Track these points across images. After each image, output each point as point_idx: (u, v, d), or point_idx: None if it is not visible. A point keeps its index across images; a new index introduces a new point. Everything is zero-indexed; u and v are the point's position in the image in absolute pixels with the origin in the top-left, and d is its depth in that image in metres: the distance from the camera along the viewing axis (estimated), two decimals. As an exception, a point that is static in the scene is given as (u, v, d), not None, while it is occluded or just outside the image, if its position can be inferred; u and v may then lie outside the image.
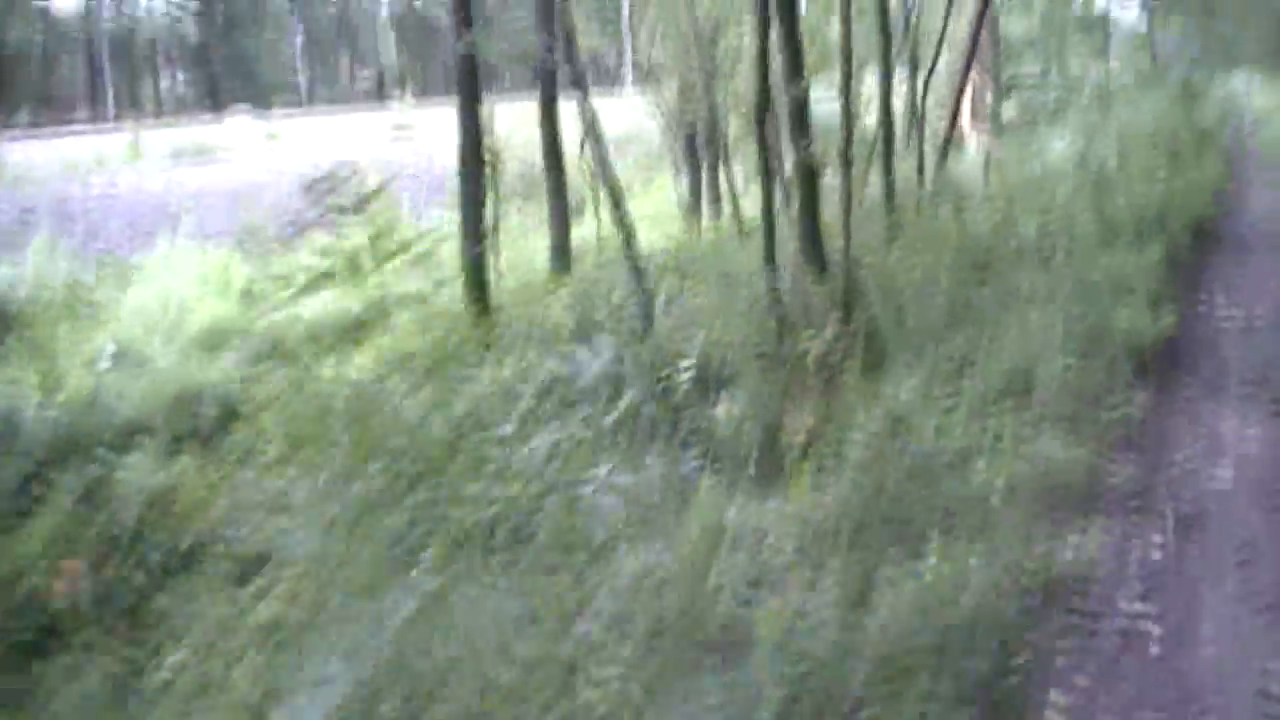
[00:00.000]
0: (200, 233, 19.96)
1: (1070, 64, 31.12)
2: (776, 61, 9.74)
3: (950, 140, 13.62)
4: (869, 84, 13.61)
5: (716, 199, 20.00)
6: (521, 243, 16.81)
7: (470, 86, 11.55)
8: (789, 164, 10.85)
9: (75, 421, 8.83)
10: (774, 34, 9.50)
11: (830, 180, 10.82)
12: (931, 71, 13.67)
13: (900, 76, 15.02)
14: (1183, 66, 28.29)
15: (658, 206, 21.98)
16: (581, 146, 13.65)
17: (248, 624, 4.75)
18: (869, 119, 13.64)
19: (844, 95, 9.80)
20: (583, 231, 15.91)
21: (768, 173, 9.10)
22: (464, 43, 11.24)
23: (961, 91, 13.86)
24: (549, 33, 12.17)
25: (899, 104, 14.77)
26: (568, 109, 12.51)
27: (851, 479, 5.74)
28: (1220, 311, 9.67)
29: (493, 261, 14.28)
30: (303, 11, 55.72)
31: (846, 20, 10.08)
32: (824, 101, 11.28)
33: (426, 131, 28.70)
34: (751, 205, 15.72)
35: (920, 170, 12.78)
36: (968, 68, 13.92)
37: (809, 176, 9.68)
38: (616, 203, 10.48)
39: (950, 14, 15.35)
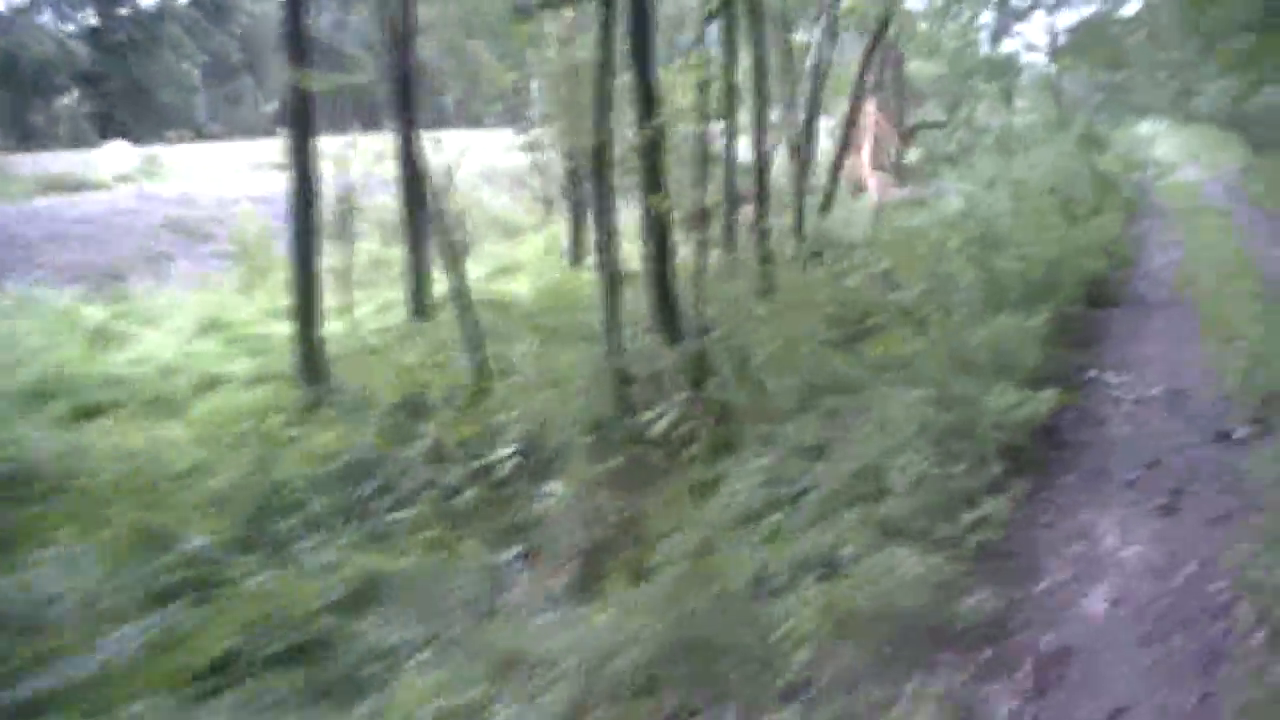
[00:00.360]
0: (56, 271, 18.77)
1: (977, 109, 30.74)
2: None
3: (833, 191, 12.79)
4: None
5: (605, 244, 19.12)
6: (389, 289, 15.86)
7: (302, 123, 10.52)
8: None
9: None
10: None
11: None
12: (810, 119, 12.69)
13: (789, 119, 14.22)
14: (1087, 113, 27.94)
15: (549, 247, 21.09)
16: (406, 186, 12.63)
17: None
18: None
19: (721, 142, 8.91)
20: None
21: (605, 226, 8.14)
22: (295, 76, 10.24)
23: (846, 138, 13.02)
24: (399, 64, 11.20)
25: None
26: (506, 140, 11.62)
27: (659, 603, 4.81)
28: (1111, 381, 8.86)
29: (344, 313, 13.31)
30: (203, 37, 54.00)
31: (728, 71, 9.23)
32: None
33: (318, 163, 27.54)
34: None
35: (799, 222, 11.87)
36: (855, 114, 13.11)
37: (661, 232, 8.75)
38: (454, 259, 9.53)
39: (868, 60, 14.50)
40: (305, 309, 10.55)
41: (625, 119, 9.46)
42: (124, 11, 53.95)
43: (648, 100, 8.62)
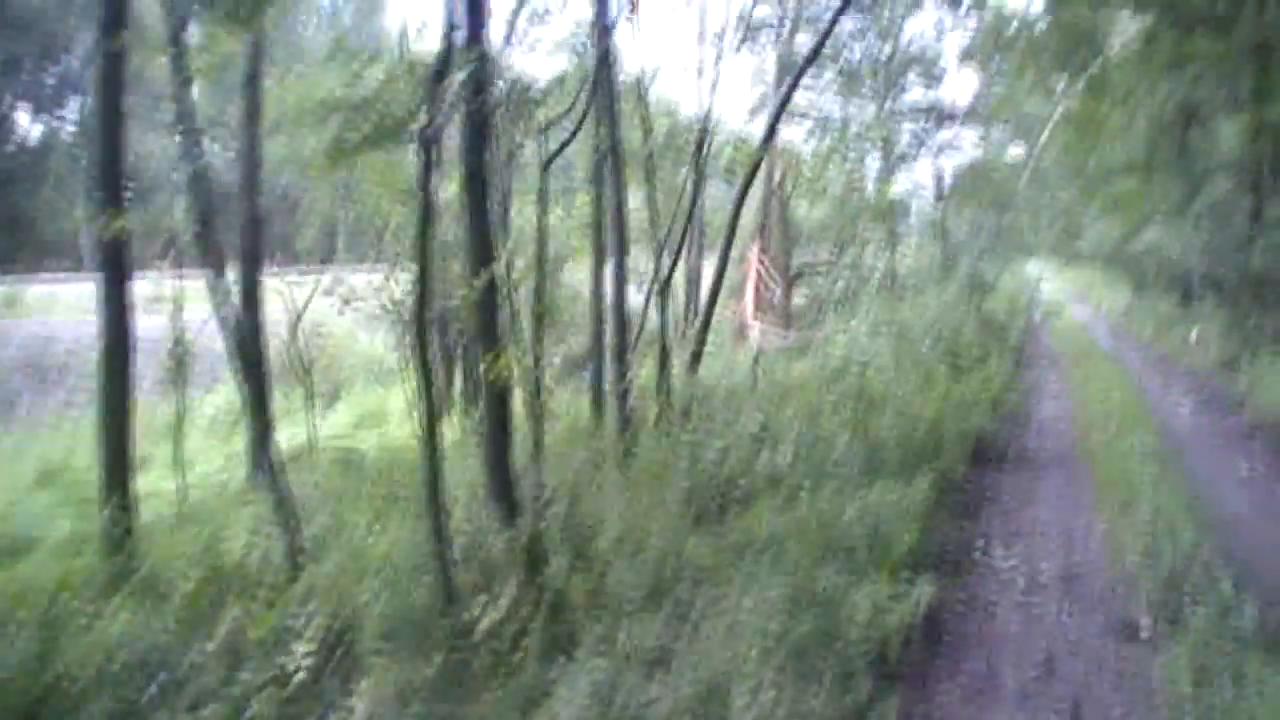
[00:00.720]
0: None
1: (864, 251, 30.48)
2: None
3: (702, 342, 11.87)
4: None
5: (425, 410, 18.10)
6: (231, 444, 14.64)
7: (116, 265, 9.38)
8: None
9: None
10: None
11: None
12: (673, 264, 11.74)
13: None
14: (973, 257, 27.81)
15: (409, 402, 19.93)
16: (242, 329, 11.50)
17: None
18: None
19: (538, 293, 7.94)
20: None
21: (428, 390, 7.05)
22: (107, 216, 9.11)
23: (717, 285, 12.16)
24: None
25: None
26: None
27: None
28: (999, 561, 7.90)
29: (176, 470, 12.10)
30: (88, 168, 52.44)
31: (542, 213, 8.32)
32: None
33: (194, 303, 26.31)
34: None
35: (664, 379, 10.87)
36: (726, 259, 12.30)
37: (497, 397, 7.70)
38: (254, 418, 8.38)
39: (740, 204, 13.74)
40: (115, 472, 9.28)
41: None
42: (9, 149, 52.53)
43: (483, 248, 7.65)
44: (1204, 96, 21.44)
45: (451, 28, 6.66)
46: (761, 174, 27.65)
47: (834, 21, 14.14)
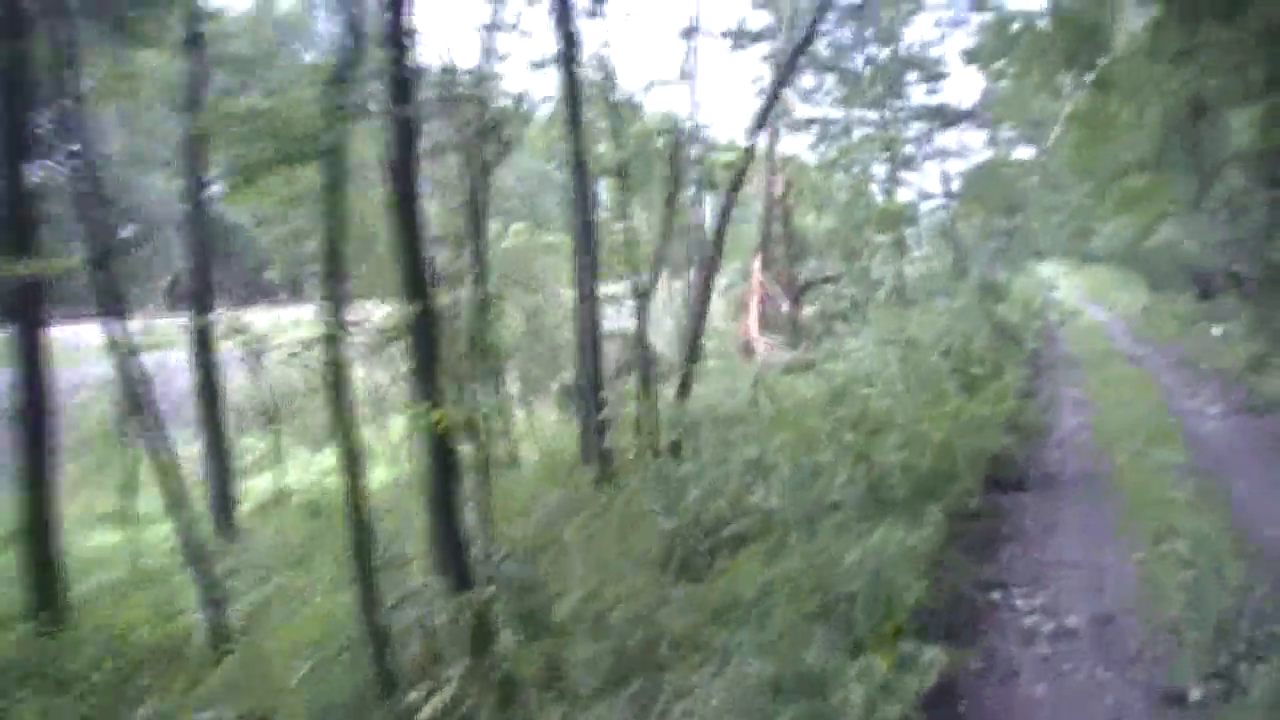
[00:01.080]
0: None
1: (872, 261, 29.51)
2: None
3: (690, 367, 10.94)
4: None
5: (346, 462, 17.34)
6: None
7: (29, 314, 8.61)
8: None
9: None
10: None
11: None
12: (651, 283, 10.76)
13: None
14: (984, 262, 26.88)
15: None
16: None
17: None
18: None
19: (476, 323, 7.05)
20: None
21: (347, 440, 6.15)
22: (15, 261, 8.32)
23: (702, 305, 11.22)
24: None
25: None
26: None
27: None
28: (1020, 611, 6.93)
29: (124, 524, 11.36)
30: (85, 211, 51.87)
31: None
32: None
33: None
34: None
35: (648, 408, 9.93)
36: (709, 277, 11.38)
37: (439, 447, 6.80)
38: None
39: (724, 220, 12.81)
40: (36, 534, 8.50)
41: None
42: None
43: (414, 278, 6.79)
44: (1214, 88, 20.61)
45: (353, 23, 5.79)
46: (763, 185, 26.88)
47: (818, 16, 13.15)
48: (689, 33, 18.08)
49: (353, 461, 6.07)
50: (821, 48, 28.74)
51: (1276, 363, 15.20)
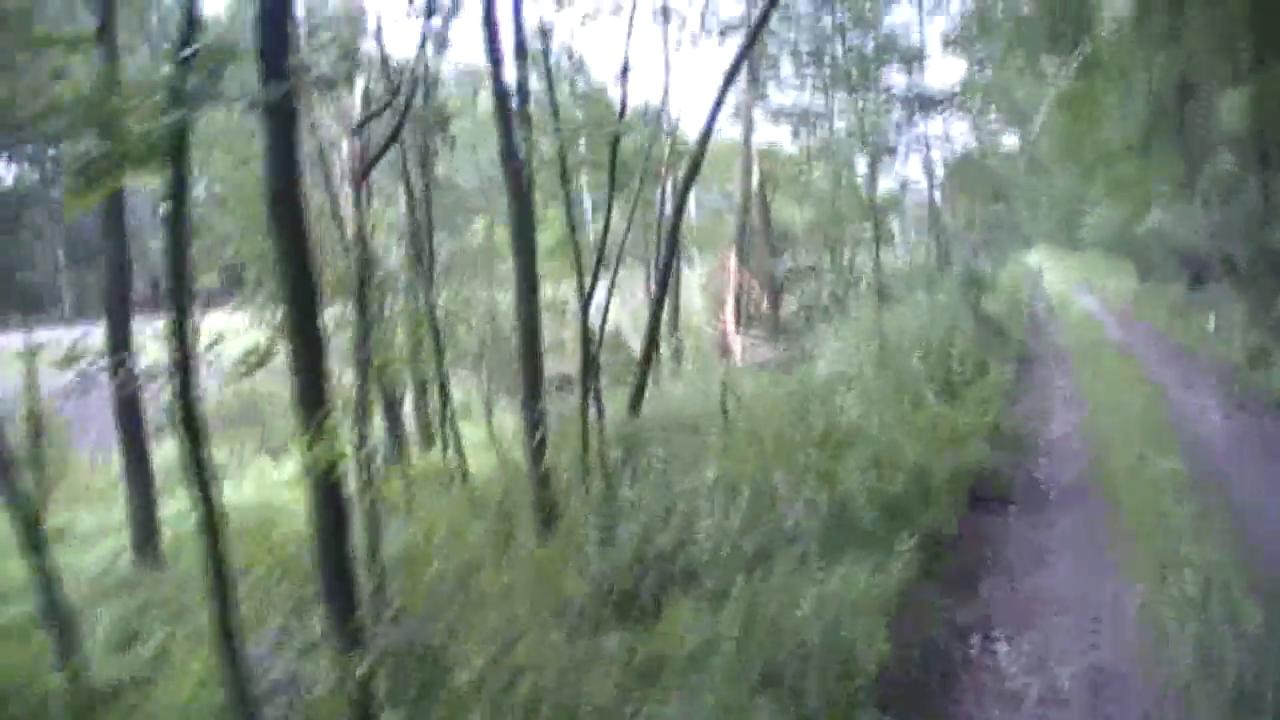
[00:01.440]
0: None
1: (855, 253, 28.55)
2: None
3: (645, 372, 9.96)
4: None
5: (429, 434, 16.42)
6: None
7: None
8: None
9: None
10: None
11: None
12: (591, 285, 9.63)
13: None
14: (969, 251, 26.04)
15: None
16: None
17: None
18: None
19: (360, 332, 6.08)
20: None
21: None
22: None
23: (659, 302, 10.21)
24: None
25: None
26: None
27: None
28: (1002, 666, 5.98)
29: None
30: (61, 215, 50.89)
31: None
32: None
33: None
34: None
35: (589, 422, 8.93)
36: (667, 273, 10.42)
37: (327, 489, 5.82)
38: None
39: (679, 210, 11.78)
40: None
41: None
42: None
43: (300, 289, 5.81)
44: (1201, 70, 19.96)
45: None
46: (738, 177, 25.96)
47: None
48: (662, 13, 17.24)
49: (209, 517, 5.09)
50: (800, 35, 27.85)
51: (1276, 356, 14.32)
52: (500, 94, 8.46)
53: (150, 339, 11.67)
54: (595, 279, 9.43)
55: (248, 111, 5.89)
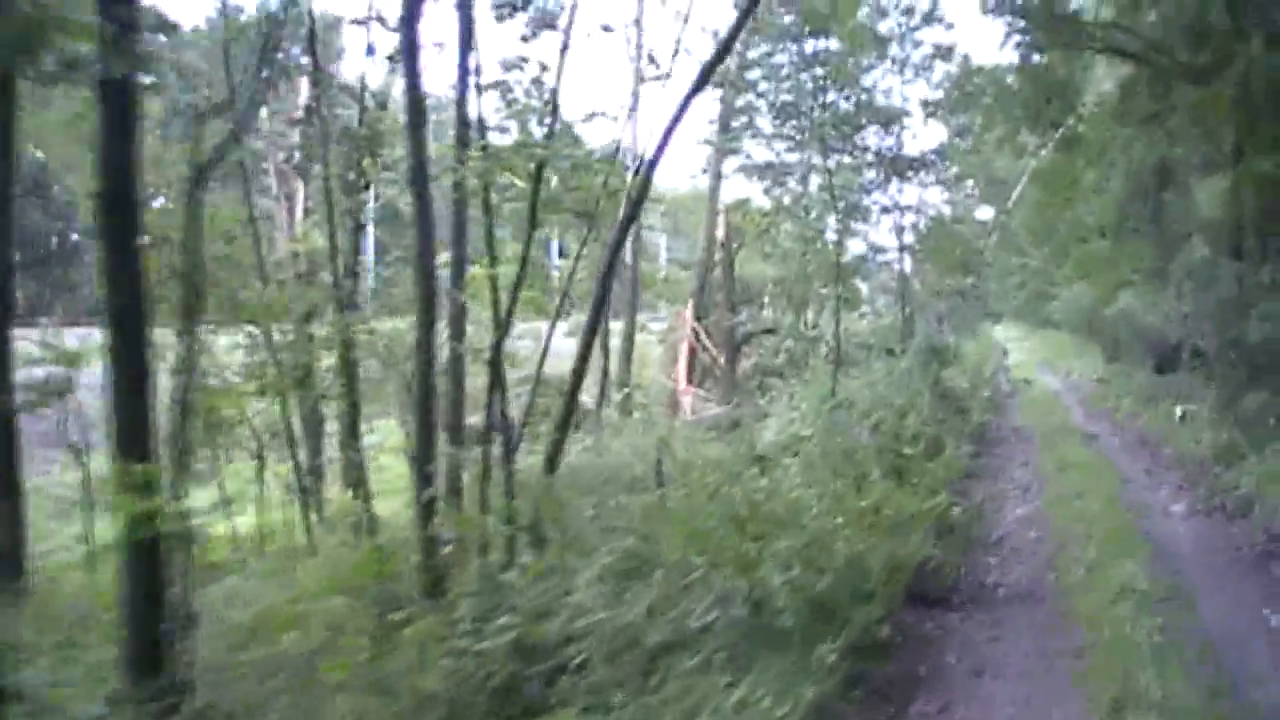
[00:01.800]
0: None
1: (819, 314, 27.78)
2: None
3: (563, 434, 8.97)
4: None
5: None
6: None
7: None
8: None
9: None
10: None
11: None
12: (502, 333, 8.63)
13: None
14: (934, 321, 25.27)
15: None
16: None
17: None
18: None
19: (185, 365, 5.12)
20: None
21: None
22: None
23: (585, 354, 9.24)
24: None
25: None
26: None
27: None
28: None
29: None
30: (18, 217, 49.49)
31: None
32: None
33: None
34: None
35: (485, 488, 7.98)
36: (595, 323, 9.48)
37: (142, 550, 4.88)
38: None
39: (613, 258, 10.91)
40: None
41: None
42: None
43: (129, 310, 4.91)
44: (1181, 155, 19.57)
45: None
46: (703, 229, 25.20)
47: (732, 32, 11.31)
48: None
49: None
50: (779, 89, 27.22)
51: (1246, 454, 13.50)
52: (414, 110, 7.58)
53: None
54: (509, 320, 8.50)
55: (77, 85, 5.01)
